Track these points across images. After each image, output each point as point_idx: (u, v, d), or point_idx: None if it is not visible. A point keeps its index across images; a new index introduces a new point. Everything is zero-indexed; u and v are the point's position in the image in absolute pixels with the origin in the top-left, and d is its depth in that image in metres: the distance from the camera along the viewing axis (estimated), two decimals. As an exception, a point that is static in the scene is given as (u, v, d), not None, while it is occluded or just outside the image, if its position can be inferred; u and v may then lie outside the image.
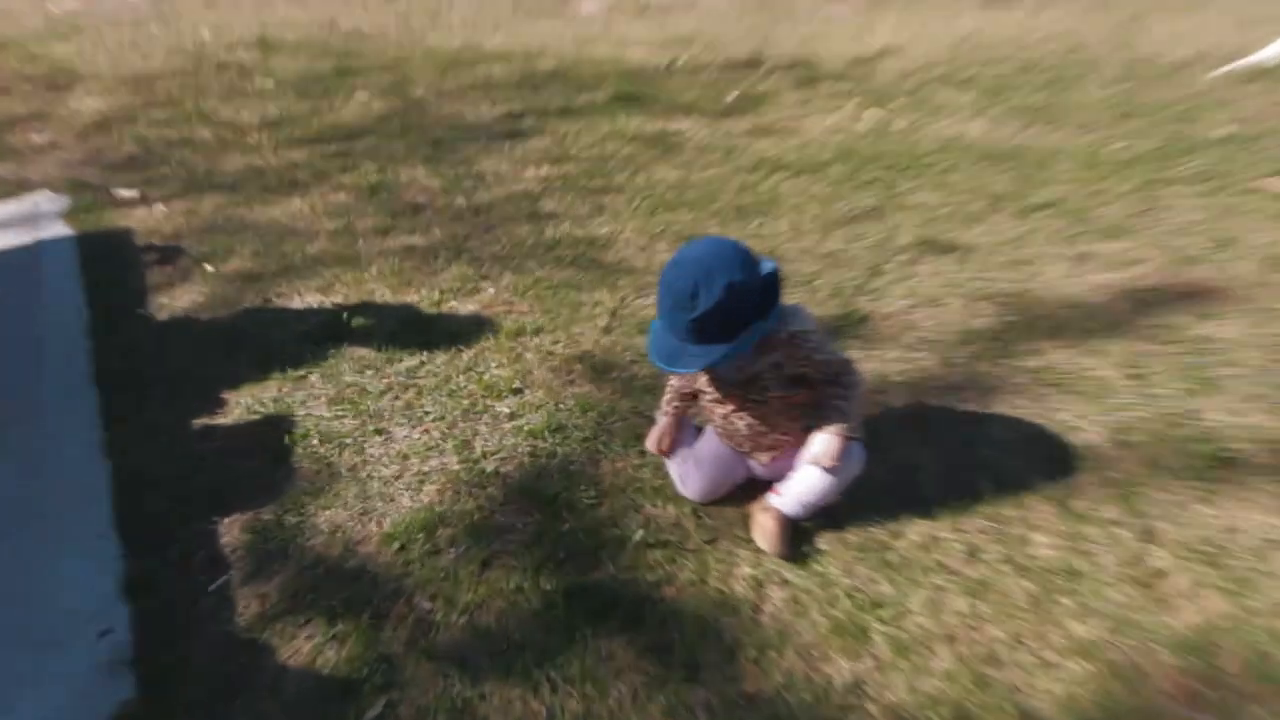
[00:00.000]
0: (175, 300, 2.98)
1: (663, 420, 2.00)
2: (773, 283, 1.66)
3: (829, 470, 1.79)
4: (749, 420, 1.85)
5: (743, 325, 1.61)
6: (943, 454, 2.11)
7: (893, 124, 4.42)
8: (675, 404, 1.99)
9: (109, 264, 3.25)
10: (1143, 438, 2.14)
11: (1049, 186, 3.59)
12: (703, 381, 1.87)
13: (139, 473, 2.17)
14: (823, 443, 1.77)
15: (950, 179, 3.70)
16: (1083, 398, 2.29)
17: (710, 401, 1.89)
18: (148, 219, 3.65)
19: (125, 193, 3.91)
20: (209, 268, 3.18)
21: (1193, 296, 2.73)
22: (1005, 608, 1.71)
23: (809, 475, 1.84)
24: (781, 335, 1.73)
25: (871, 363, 2.46)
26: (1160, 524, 1.89)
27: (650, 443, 1.99)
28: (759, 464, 1.95)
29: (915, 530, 1.90)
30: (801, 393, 1.83)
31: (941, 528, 1.90)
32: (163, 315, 2.90)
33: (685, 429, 2.07)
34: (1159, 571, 1.78)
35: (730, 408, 1.86)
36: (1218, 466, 2.03)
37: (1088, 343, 2.51)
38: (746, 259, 1.62)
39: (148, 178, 4.09)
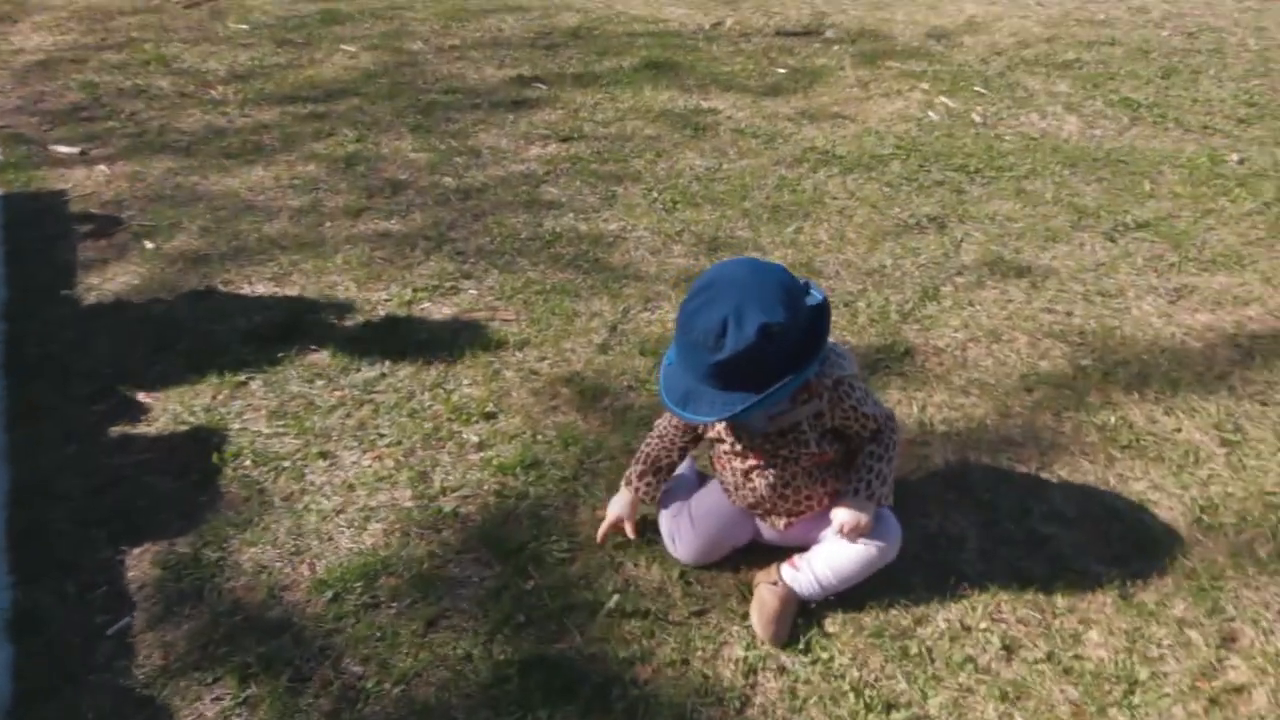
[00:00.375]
0: (107, 281, 3.04)
1: (625, 497, 1.99)
2: (819, 319, 1.64)
3: (856, 542, 1.79)
4: (772, 480, 1.83)
5: (777, 374, 1.58)
6: (987, 524, 2.09)
7: (969, 114, 4.38)
8: (648, 480, 1.98)
9: (37, 233, 3.32)
10: (1231, 519, 2.10)
11: (1149, 202, 3.54)
12: (720, 429, 1.85)
13: (42, 484, 2.21)
14: (851, 514, 1.78)
15: (1031, 186, 3.66)
16: (1163, 465, 2.25)
17: (727, 454, 1.87)
18: (86, 181, 3.72)
19: (64, 149, 3.98)
20: (149, 245, 3.24)
21: (1311, 348, 2.68)
22: (1043, 718, 1.68)
23: (838, 552, 1.83)
24: (826, 381, 1.73)
25: (912, 407, 2.44)
26: (1243, 627, 1.85)
27: (604, 525, 2.00)
28: (772, 528, 1.94)
29: (945, 616, 1.87)
30: (833, 450, 1.82)
31: (976, 615, 1.87)
32: (91, 298, 2.95)
33: (683, 477, 2.07)
34: (1235, 687, 1.74)
35: (753, 463, 1.83)
36: (1319, 561, 1.99)
37: (1175, 397, 2.47)
38: (790, 292, 1.59)
39: (92, 132, 4.17)
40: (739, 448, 1.83)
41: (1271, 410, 2.43)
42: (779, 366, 1.57)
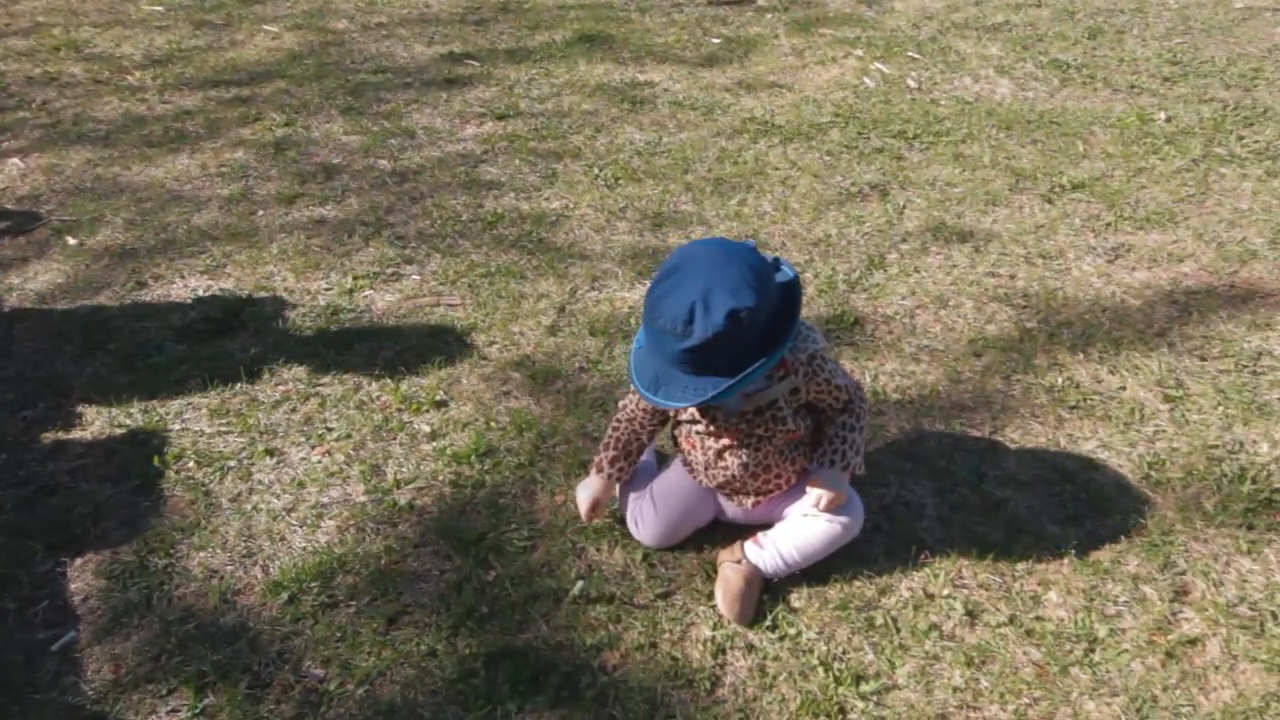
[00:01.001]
0: (28, 281, 2.91)
1: (597, 483, 1.94)
2: (790, 298, 1.62)
3: (834, 511, 1.79)
4: (745, 459, 1.82)
5: (749, 357, 1.56)
6: (943, 491, 2.10)
7: (904, 80, 4.40)
8: (620, 465, 1.94)
9: (-51, 233, 3.17)
10: (1177, 474, 2.14)
11: (1083, 162, 3.59)
12: (693, 410, 1.81)
13: (-27, 499, 2.12)
14: (829, 488, 1.77)
15: (968, 151, 3.69)
16: (1110, 424, 2.29)
17: (700, 434, 1.84)
18: (0, 177, 3.55)
19: (-27, 143, 3.81)
20: (72, 241, 3.11)
21: (1246, 301, 2.74)
22: (1008, 681, 1.71)
23: (803, 530, 1.83)
24: (801, 356, 1.72)
25: (864, 376, 2.44)
26: (1194, 580, 1.90)
27: (583, 511, 1.95)
28: (738, 507, 1.93)
29: (908, 585, 1.89)
30: (805, 425, 1.82)
31: (939, 582, 1.89)
32: (12, 299, 2.83)
33: (642, 461, 2.05)
34: (1190, 639, 1.78)
35: (726, 443, 1.81)
36: (1263, 511, 2.04)
37: (1118, 356, 2.52)
38: (759, 274, 1.56)
39: (1, 124, 3.99)
40: (712, 428, 1.81)
41: (1210, 365, 2.49)
42: (750, 349, 1.55)
